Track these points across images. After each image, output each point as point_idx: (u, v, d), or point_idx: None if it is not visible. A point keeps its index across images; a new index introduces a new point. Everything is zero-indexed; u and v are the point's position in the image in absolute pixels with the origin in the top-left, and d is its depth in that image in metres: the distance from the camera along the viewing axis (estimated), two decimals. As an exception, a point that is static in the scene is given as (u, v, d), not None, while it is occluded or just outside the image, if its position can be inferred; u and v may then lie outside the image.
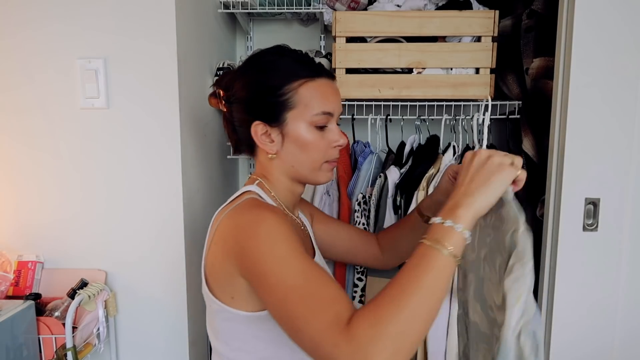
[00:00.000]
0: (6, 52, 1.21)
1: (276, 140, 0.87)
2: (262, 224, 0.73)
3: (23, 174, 1.25)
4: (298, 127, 0.85)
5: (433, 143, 1.47)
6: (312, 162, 0.88)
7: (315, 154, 0.87)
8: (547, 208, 1.19)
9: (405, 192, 1.34)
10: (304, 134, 0.86)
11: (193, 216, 1.33)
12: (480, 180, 0.68)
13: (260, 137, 0.88)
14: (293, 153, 0.87)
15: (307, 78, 0.85)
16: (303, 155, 0.87)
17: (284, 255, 0.70)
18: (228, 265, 0.76)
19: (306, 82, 0.85)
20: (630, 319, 1.17)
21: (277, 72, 0.85)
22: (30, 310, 1.10)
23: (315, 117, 0.85)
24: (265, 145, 0.88)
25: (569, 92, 1.11)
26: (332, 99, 0.87)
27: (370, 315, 0.61)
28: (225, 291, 0.79)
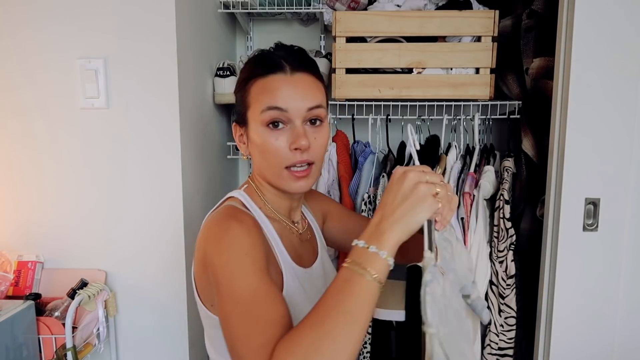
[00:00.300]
0: (6, 52, 1.21)
1: (246, 142, 0.85)
2: (226, 235, 0.72)
3: (23, 174, 1.25)
4: (254, 127, 0.81)
5: (433, 143, 1.47)
6: (271, 166, 0.81)
7: (271, 158, 0.80)
8: (547, 208, 1.19)
9: None
10: (258, 134, 0.80)
11: (193, 216, 1.33)
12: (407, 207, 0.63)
13: (238, 138, 0.87)
14: (256, 156, 0.83)
15: (258, 76, 0.80)
16: (263, 159, 0.81)
17: (239, 269, 0.69)
18: (203, 273, 0.77)
19: (256, 80, 0.80)
20: (630, 319, 1.17)
21: (245, 70, 0.84)
22: (30, 310, 1.10)
23: (262, 114, 0.78)
24: (239, 146, 0.87)
25: (569, 92, 1.11)
26: (282, 93, 0.78)
27: (291, 343, 0.59)
28: (207, 299, 0.80)
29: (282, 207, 0.89)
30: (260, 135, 0.79)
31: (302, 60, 0.82)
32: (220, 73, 1.51)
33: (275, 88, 0.79)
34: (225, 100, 1.52)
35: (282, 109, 0.78)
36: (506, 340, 1.28)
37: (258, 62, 0.82)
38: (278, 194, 0.87)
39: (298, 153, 0.79)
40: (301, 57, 0.83)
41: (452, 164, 1.37)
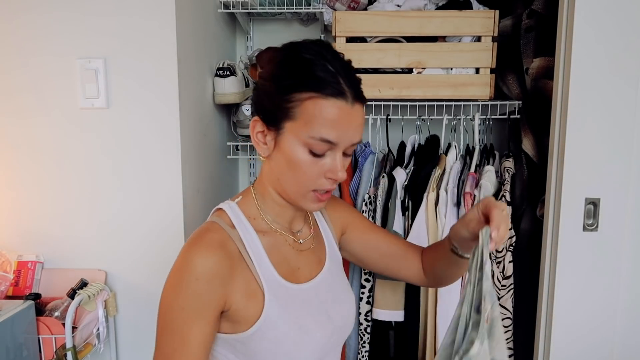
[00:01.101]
0: (6, 51, 1.21)
1: (269, 145, 0.79)
2: (182, 269, 0.75)
3: (23, 174, 1.25)
4: (291, 141, 0.76)
5: (433, 143, 1.47)
6: (297, 184, 0.78)
7: (301, 178, 0.77)
8: (547, 208, 1.19)
9: (412, 193, 1.34)
10: (294, 152, 0.76)
11: (193, 216, 1.33)
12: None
13: (255, 135, 0.80)
14: (280, 166, 0.79)
15: (319, 93, 0.73)
16: (289, 172, 0.78)
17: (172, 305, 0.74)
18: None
19: (316, 98, 0.73)
20: (630, 319, 1.17)
21: (293, 72, 0.75)
22: (30, 310, 1.10)
23: (311, 140, 0.74)
24: (257, 144, 0.81)
25: (569, 92, 1.11)
26: (341, 127, 0.74)
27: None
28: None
29: (283, 218, 0.87)
30: (297, 154, 0.76)
31: (360, 88, 0.78)
32: (220, 73, 1.51)
33: (335, 120, 0.74)
34: (225, 100, 1.52)
35: (334, 143, 0.75)
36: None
37: (317, 74, 0.74)
38: (284, 205, 0.85)
39: (330, 181, 0.78)
40: (358, 83, 0.78)
41: (452, 164, 1.37)
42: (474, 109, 1.55)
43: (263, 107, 0.79)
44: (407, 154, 1.47)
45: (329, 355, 0.87)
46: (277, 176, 0.80)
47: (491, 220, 0.72)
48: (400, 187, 1.34)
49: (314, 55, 0.75)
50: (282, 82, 0.75)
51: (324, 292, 0.87)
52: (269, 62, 0.79)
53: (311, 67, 0.74)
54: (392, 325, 1.39)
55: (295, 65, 0.75)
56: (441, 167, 1.36)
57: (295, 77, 0.75)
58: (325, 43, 0.78)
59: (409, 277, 1.00)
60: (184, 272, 0.74)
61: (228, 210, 0.83)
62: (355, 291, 1.38)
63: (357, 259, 1.02)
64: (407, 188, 1.34)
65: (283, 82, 0.75)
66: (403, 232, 1.34)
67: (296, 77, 0.74)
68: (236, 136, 1.71)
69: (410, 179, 1.36)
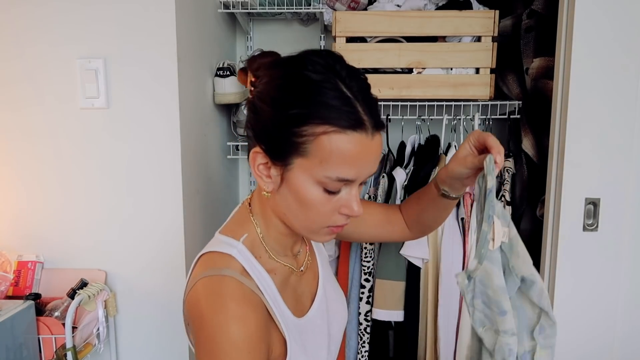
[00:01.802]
0: (6, 51, 1.21)
1: (273, 179, 0.69)
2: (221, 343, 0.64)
3: (23, 174, 1.25)
4: (302, 179, 0.66)
5: (433, 143, 1.47)
6: (308, 221, 0.70)
7: (314, 216, 0.69)
8: (547, 208, 1.19)
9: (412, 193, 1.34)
10: (306, 190, 0.66)
11: (193, 216, 1.33)
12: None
13: (257, 167, 0.69)
14: (288, 202, 0.69)
15: (335, 127, 0.62)
16: (299, 210, 0.69)
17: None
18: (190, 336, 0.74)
19: (332, 133, 0.62)
20: (630, 319, 1.17)
21: (300, 99, 0.63)
22: (30, 310, 1.10)
23: (326, 179, 0.65)
24: (260, 178, 0.70)
25: (569, 92, 1.11)
26: (360, 163, 0.65)
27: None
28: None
29: (286, 246, 0.81)
30: (309, 191, 0.66)
31: (378, 114, 0.68)
32: (220, 73, 1.51)
33: (355, 157, 0.64)
34: (225, 100, 1.52)
35: (352, 181, 0.67)
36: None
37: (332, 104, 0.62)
38: (288, 234, 0.78)
39: (345, 217, 0.70)
40: (377, 108, 0.68)
41: None
42: (474, 109, 1.54)
43: (265, 136, 0.67)
44: (407, 154, 1.47)
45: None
46: (284, 211, 0.72)
47: (491, 147, 0.73)
48: (400, 187, 1.34)
49: (325, 75, 0.64)
50: (288, 110, 0.64)
51: (323, 311, 0.85)
52: (268, 80, 0.68)
53: (322, 91, 0.63)
54: (392, 325, 1.39)
55: (302, 89, 0.64)
56: (441, 167, 1.36)
57: (304, 105, 0.63)
58: (337, 56, 0.67)
59: (395, 238, 0.99)
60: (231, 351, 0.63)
61: (237, 255, 0.72)
62: (355, 291, 1.38)
63: (345, 236, 0.97)
64: (406, 188, 1.34)
65: (289, 111, 0.63)
66: (403, 232, 1.34)
67: (305, 106, 0.63)
68: (236, 136, 1.71)
69: (409, 179, 1.36)
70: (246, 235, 0.75)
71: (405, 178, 1.36)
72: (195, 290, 0.69)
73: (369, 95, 0.67)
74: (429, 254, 1.31)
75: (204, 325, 0.66)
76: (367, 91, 0.68)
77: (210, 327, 0.65)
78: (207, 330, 0.65)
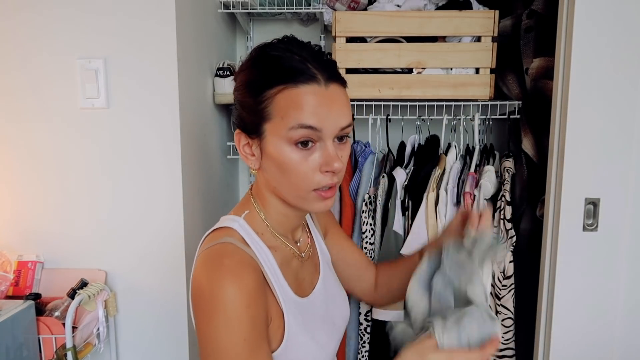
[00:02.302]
0: (6, 51, 1.21)
1: (256, 155, 0.75)
2: (219, 296, 0.66)
3: (23, 174, 1.25)
4: (274, 143, 0.71)
5: (433, 143, 1.47)
6: (294, 187, 0.73)
7: (296, 179, 0.72)
8: (547, 208, 1.19)
9: (412, 193, 1.34)
10: (281, 152, 0.70)
11: (193, 216, 1.33)
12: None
13: (242, 149, 0.76)
14: (273, 173, 0.74)
15: (288, 83, 0.69)
16: (283, 178, 0.73)
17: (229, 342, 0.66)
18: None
19: (285, 89, 0.69)
20: (630, 319, 1.17)
21: (260, 72, 0.72)
22: (30, 310, 1.10)
23: (292, 132, 0.69)
24: (246, 158, 0.76)
25: (569, 92, 1.11)
26: (319, 110, 0.69)
27: None
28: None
29: (286, 227, 0.83)
30: (284, 153, 0.70)
31: (334, 69, 0.74)
32: (220, 73, 1.51)
33: (311, 105, 0.69)
34: (225, 100, 1.52)
35: (316, 129, 0.69)
36: (503, 342, 1.28)
37: (284, 67, 0.70)
38: (287, 213, 0.80)
39: (329, 175, 0.72)
40: (333, 65, 0.75)
41: (452, 164, 1.37)
42: (474, 109, 1.55)
43: (241, 118, 0.75)
44: (407, 154, 1.47)
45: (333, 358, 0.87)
46: (274, 184, 0.76)
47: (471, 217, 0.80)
48: (400, 187, 1.34)
49: (281, 51, 0.71)
50: (253, 85, 0.72)
51: (325, 299, 0.86)
52: (240, 72, 0.76)
53: (278, 61, 0.71)
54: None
55: (264, 64, 0.72)
56: (441, 167, 1.36)
57: (261, 76, 0.71)
58: (292, 37, 0.75)
59: (360, 290, 1.03)
60: (228, 305, 0.65)
61: (238, 228, 0.76)
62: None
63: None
64: (407, 188, 1.34)
65: (253, 85, 0.72)
66: (403, 232, 1.34)
67: (262, 77, 0.71)
68: (236, 136, 1.71)
69: (410, 179, 1.36)
70: (247, 212, 0.79)
71: (405, 178, 1.36)
72: (195, 265, 0.72)
73: (321, 57, 0.74)
74: None
75: (202, 291, 0.68)
76: (319, 54, 0.74)
77: (207, 290, 0.67)
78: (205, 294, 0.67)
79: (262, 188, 0.80)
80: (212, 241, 0.74)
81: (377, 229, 1.36)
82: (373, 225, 1.36)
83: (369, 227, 1.36)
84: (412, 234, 1.31)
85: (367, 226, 1.36)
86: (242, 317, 0.66)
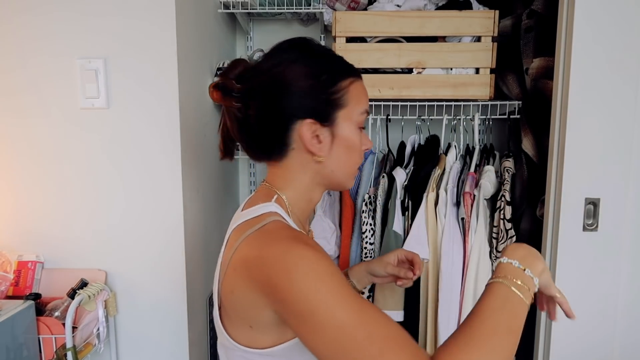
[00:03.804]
0: (6, 51, 1.21)
1: (325, 142, 0.77)
2: (300, 261, 0.64)
3: (23, 174, 1.25)
4: (347, 127, 0.79)
5: (433, 143, 1.47)
6: (353, 165, 0.82)
7: (356, 157, 0.82)
8: (547, 208, 1.19)
9: (412, 193, 1.34)
10: (352, 134, 0.79)
11: (193, 216, 1.33)
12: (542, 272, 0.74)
13: (312, 137, 0.77)
14: (339, 156, 0.79)
15: (355, 77, 0.81)
16: (348, 157, 0.80)
17: (333, 295, 0.62)
18: (252, 295, 0.69)
19: (355, 80, 0.80)
20: (630, 319, 1.17)
21: (328, 65, 0.78)
22: (30, 310, 1.10)
23: (360, 116, 0.80)
24: (313, 146, 0.77)
25: (569, 92, 1.11)
26: (367, 98, 0.85)
27: (461, 354, 0.59)
28: (243, 319, 0.72)
29: (305, 219, 0.86)
30: (353, 135, 0.80)
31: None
32: (220, 73, 1.51)
33: (365, 94, 0.83)
34: (225, 100, 1.52)
35: (368, 112, 0.83)
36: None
37: (346, 62, 0.82)
38: (310, 201, 0.84)
39: (362, 155, 0.85)
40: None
41: (452, 164, 1.37)
42: (474, 109, 1.55)
43: (310, 107, 0.76)
44: (407, 154, 1.47)
45: None
46: (332, 168, 0.80)
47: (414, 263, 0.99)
48: (400, 187, 1.34)
49: (323, 48, 0.82)
50: (320, 78, 0.76)
51: None
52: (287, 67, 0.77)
53: (330, 58, 0.80)
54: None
55: (327, 59, 0.80)
56: (441, 167, 1.36)
57: (329, 70, 0.78)
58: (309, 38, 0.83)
59: None
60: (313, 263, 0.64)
61: (276, 210, 0.76)
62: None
63: None
64: (407, 188, 1.34)
65: (321, 78, 0.76)
66: (403, 232, 1.34)
67: (330, 70, 0.78)
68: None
69: (410, 179, 1.36)
70: (276, 196, 0.80)
71: (406, 178, 1.36)
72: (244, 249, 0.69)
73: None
74: (429, 253, 1.31)
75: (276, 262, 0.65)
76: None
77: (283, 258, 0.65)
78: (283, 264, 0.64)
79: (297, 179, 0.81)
80: (257, 224, 0.72)
81: (377, 229, 1.36)
82: (373, 225, 1.36)
83: (369, 227, 1.36)
84: (411, 234, 1.31)
85: (367, 226, 1.36)
86: (327, 269, 0.64)
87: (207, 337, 1.48)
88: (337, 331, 0.61)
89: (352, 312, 0.61)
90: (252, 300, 0.69)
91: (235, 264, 0.70)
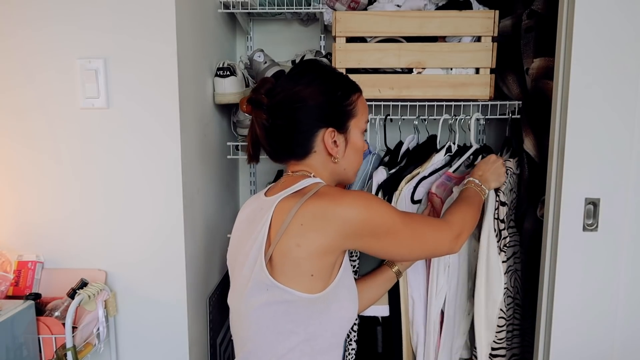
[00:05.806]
0: (6, 52, 1.21)
1: (341, 146, 0.99)
2: (371, 199, 0.92)
3: (23, 174, 1.25)
4: (356, 133, 1.01)
5: (430, 143, 1.47)
6: (358, 164, 1.05)
7: (361, 157, 1.05)
8: (547, 208, 1.19)
9: (387, 193, 1.33)
10: (359, 140, 1.02)
11: (193, 216, 1.33)
12: (495, 177, 1.23)
13: (331, 143, 0.97)
14: (350, 157, 1.01)
15: (359, 91, 1.03)
16: (355, 158, 1.03)
17: (396, 211, 0.94)
18: (326, 240, 0.87)
19: (360, 94, 1.03)
20: (630, 320, 1.17)
21: (341, 82, 1.00)
22: (30, 310, 1.10)
23: (365, 124, 1.03)
24: (332, 150, 0.98)
25: (569, 92, 1.11)
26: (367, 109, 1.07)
27: (459, 220, 1.05)
28: (306, 270, 0.87)
29: None
30: (361, 140, 1.02)
31: None
32: (220, 73, 1.51)
33: (366, 104, 1.06)
34: (226, 100, 1.52)
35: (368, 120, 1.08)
36: (496, 341, 1.28)
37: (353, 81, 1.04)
38: None
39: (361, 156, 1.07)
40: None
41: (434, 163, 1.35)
42: (474, 109, 1.55)
43: (330, 117, 0.97)
44: (401, 153, 1.46)
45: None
46: (344, 167, 1.02)
47: None
48: (375, 186, 1.33)
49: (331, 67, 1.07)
50: (336, 93, 0.97)
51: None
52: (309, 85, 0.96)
53: (341, 75, 1.03)
54: (380, 320, 1.37)
55: (334, 78, 1.01)
56: (423, 167, 1.35)
57: (341, 86, 0.99)
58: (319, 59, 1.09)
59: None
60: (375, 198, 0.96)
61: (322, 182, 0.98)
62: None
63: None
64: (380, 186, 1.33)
65: (337, 93, 0.97)
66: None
67: (342, 87, 0.99)
68: (236, 136, 1.71)
69: (388, 179, 1.34)
70: (313, 174, 0.99)
71: (385, 177, 1.34)
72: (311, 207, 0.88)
73: None
74: None
75: (361, 208, 0.89)
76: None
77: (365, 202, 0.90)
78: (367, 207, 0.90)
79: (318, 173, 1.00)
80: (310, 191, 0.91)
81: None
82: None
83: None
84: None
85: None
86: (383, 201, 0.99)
87: (207, 337, 1.48)
88: (410, 230, 0.95)
89: (411, 217, 0.98)
90: (325, 246, 0.87)
91: (301, 220, 0.87)
